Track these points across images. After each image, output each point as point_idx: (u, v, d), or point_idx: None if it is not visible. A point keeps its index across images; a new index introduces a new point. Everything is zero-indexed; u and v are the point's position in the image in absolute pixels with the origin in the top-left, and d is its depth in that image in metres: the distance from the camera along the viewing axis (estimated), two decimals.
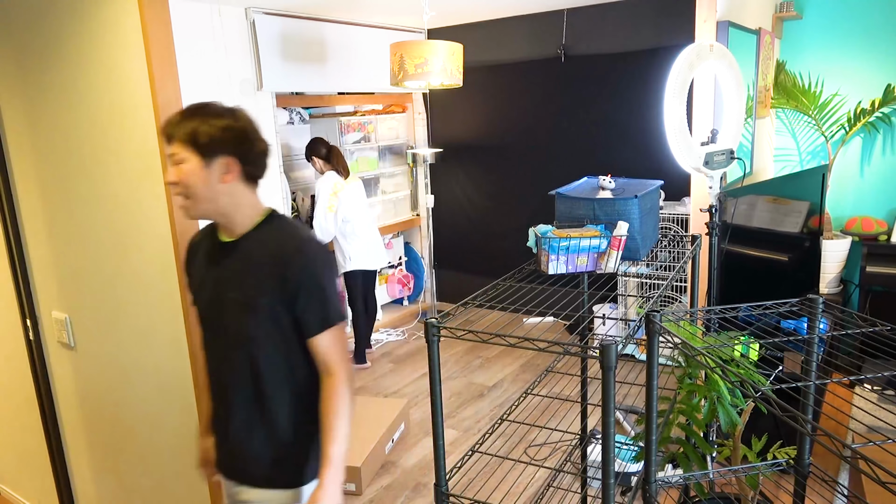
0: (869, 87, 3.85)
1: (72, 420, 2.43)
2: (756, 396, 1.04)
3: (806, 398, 1.49)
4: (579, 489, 2.48)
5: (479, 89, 4.91)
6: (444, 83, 3.19)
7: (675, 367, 1.63)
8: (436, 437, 1.37)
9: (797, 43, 4.03)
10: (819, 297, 1.48)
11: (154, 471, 2.17)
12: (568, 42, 4.46)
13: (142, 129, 1.75)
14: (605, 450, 1.16)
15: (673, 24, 4.02)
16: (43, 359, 2.42)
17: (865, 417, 3.01)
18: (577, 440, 2.35)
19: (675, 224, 3.91)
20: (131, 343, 2.05)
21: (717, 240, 2.38)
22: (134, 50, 1.69)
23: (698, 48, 2.22)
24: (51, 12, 1.88)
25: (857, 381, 3.34)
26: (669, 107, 2.16)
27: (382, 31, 4.72)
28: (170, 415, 2.02)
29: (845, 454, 2.43)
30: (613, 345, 1.10)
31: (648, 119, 4.22)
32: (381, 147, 5.01)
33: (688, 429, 1.59)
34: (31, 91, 2.05)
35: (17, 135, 2.19)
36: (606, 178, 1.83)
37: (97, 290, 2.10)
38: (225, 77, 3.70)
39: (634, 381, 3.66)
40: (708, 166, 2.29)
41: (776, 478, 2.67)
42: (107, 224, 1.98)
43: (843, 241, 3.76)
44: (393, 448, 3.26)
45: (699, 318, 1.93)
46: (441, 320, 1.32)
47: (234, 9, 3.73)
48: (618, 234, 1.59)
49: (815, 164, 4.11)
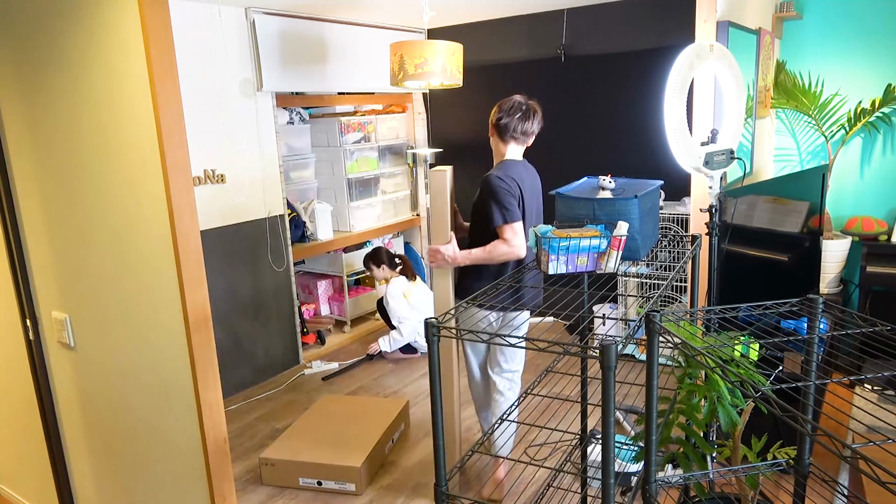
0: (869, 87, 3.85)
1: (72, 420, 2.43)
2: (756, 396, 1.04)
3: (806, 398, 1.49)
4: (579, 489, 2.48)
5: (479, 89, 4.90)
6: (444, 83, 3.19)
7: (675, 367, 1.63)
8: (436, 437, 1.37)
9: (797, 43, 4.03)
10: (819, 297, 1.48)
11: (154, 471, 2.17)
12: (568, 42, 4.46)
13: (142, 129, 1.75)
14: (605, 450, 1.16)
15: (673, 24, 4.02)
16: (43, 359, 2.42)
17: (865, 417, 3.01)
18: (577, 440, 2.35)
19: (675, 224, 3.91)
20: (131, 343, 2.05)
21: (717, 240, 2.38)
22: (134, 50, 1.69)
23: (698, 48, 2.22)
24: (50, 12, 1.88)
25: (857, 381, 3.34)
26: (669, 107, 2.16)
27: (382, 31, 4.72)
28: (170, 415, 2.02)
29: (845, 454, 2.43)
30: (613, 345, 1.10)
31: (648, 119, 4.22)
32: (381, 147, 5.01)
33: (688, 429, 1.59)
34: (31, 91, 2.05)
35: (17, 135, 2.19)
36: (606, 178, 1.83)
37: (97, 290, 2.10)
38: (225, 77, 3.70)
39: (634, 381, 3.65)
40: (708, 166, 2.29)
41: (776, 478, 2.67)
42: (107, 224, 1.98)
43: (843, 241, 3.76)
44: (393, 448, 3.26)
45: (699, 318, 1.93)
46: (441, 320, 1.32)
47: (233, 9, 3.73)
48: (618, 234, 1.58)
49: (815, 164, 4.11)
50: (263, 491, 2.98)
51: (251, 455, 3.26)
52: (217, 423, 1.94)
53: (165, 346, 1.94)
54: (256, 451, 3.28)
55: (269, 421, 3.66)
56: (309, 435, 3.12)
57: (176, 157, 1.74)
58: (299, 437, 3.11)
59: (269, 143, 4.02)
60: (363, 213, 4.87)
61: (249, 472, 3.14)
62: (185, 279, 1.80)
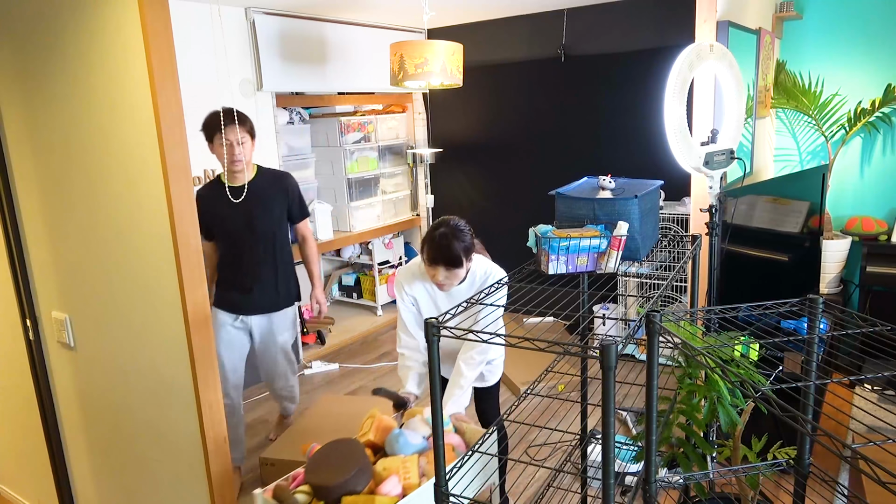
0: (869, 87, 3.85)
1: (72, 420, 2.43)
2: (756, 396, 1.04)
3: (806, 398, 1.49)
4: (579, 489, 2.48)
5: (479, 89, 4.90)
6: (444, 83, 3.19)
7: (675, 367, 1.63)
8: (436, 436, 1.37)
9: (797, 43, 4.03)
10: (819, 297, 1.48)
11: (154, 471, 2.17)
12: (568, 42, 4.46)
13: (142, 129, 1.75)
14: (605, 450, 1.16)
15: (673, 24, 4.02)
16: (43, 359, 2.42)
17: (865, 417, 3.01)
18: (577, 440, 2.35)
19: (675, 224, 3.91)
20: (131, 343, 2.05)
21: (717, 240, 2.38)
22: (134, 50, 1.69)
23: (698, 48, 2.22)
24: (51, 13, 1.88)
25: (857, 381, 3.34)
26: (669, 107, 2.16)
27: (382, 31, 4.72)
28: (170, 414, 2.02)
29: (845, 454, 2.43)
30: (613, 345, 1.10)
31: (648, 119, 4.22)
32: (381, 147, 5.00)
33: (688, 429, 1.59)
34: (32, 91, 2.05)
35: (17, 135, 2.19)
36: (606, 178, 1.83)
37: (97, 290, 2.10)
38: (225, 77, 3.70)
39: (634, 381, 3.65)
40: (708, 166, 2.29)
41: (776, 478, 2.67)
42: (107, 224, 1.98)
43: (843, 241, 3.76)
44: None
45: (699, 318, 1.93)
46: (441, 320, 1.32)
47: (233, 9, 3.73)
48: (618, 234, 1.58)
49: (815, 164, 4.11)
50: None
51: (251, 455, 3.26)
52: (217, 423, 1.94)
53: (165, 346, 1.94)
54: (256, 452, 3.28)
55: (269, 421, 3.65)
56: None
57: (176, 157, 1.74)
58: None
59: (269, 142, 4.02)
60: (363, 213, 4.87)
61: (249, 472, 3.14)
62: (185, 279, 1.80)
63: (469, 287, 2.27)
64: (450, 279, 2.16)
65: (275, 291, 2.99)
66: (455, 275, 2.15)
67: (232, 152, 2.74)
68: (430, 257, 2.12)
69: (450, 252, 2.08)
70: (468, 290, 2.27)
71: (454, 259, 2.09)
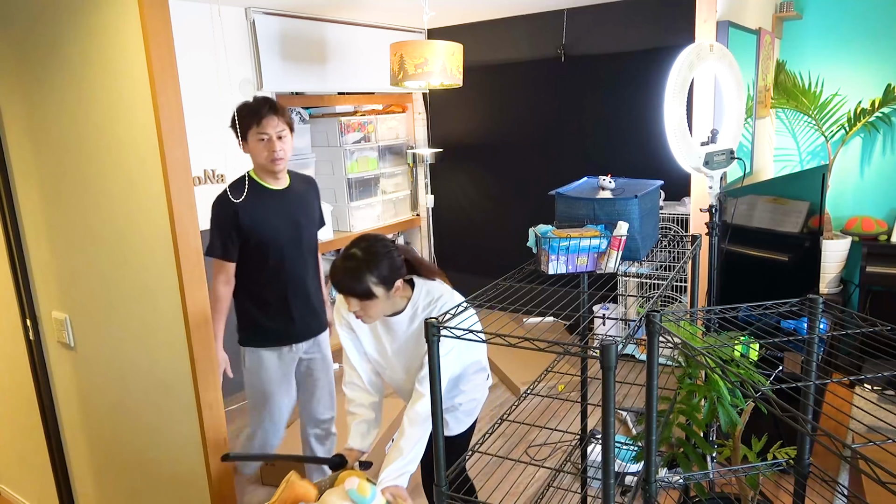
0: (869, 87, 3.85)
1: (72, 420, 2.43)
2: (756, 396, 1.04)
3: (806, 398, 1.49)
4: (579, 489, 2.48)
5: (479, 89, 4.90)
6: (444, 83, 3.19)
7: (675, 367, 1.63)
8: (436, 437, 1.37)
9: (797, 43, 4.03)
10: (819, 297, 1.48)
11: (154, 471, 2.17)
12: (568, 42, 4.46)
13: (142, 129, 1.75)
14: (605, 450, 1.16)
15: (673, 24, 4.02)
16: (43, 359, 2.42)
17: (865, 417, 3.01)
18: (577, 440, 2.35)
19: (675, 224, 3.91)
20: (131, 343, 2.05)
21: (717, 240, 2.38)
22: (134, 49, 1.69)
23: (698, 48, 2.22)
24: (51, 13, 1.88)
25: (857, 381, 3.34)
26: (669, 107, 2.16)
27: (382, 31, 4.72)
28: (170, 414, 2.02)
29: (845, 454, 2.43)
30: (613, 345, 1.10)
31: (648, 119, 4.22)
32: (381, 147, 5.00)
33: (688, 429, 1.59)
34: (32, 91, 2.05)
35: (17, 135, 2.19)
36: (606, 178, 1.83)
37: (97, 290, 2.10)
38: (225, 77, 3.70)
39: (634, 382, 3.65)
40: (708, 166, 2.29)
41: (776, 478, 2.67)
42: (107, 224, 1.98)
43: (843, 241, 3.76)
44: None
45: (699, 318, 1.93)
46: (441, 320, 1.32)
47: (233, 9, 3.73)
48: (618, 234, 1.58)
49: (815, 164, 4.11)
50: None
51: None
52: (217, 423, 1.94)
53: (165, 346, 1.94)
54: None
55: None
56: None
57: (176, 157, 1.74)
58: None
59: None
60: (363, 213, 4.87)
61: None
62: (185, 279, 1.80)
63: (410, 319, 1.89)
64: (367, 311, 1.79)
65: (322, 310, 2.61)
66: (371, 306, 1.78)
67: (273, 147, 2.32)
68: (334, 285, 1.78)
69: (354, 282, 1.73)
70: (409, 322, 1.90)
71: (360, 291, 1.74)
